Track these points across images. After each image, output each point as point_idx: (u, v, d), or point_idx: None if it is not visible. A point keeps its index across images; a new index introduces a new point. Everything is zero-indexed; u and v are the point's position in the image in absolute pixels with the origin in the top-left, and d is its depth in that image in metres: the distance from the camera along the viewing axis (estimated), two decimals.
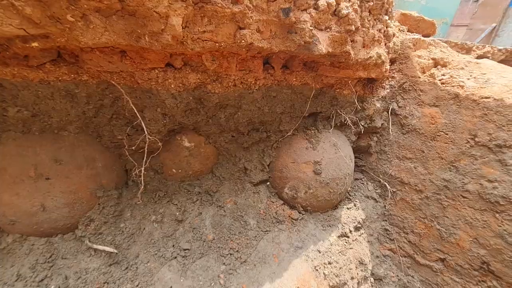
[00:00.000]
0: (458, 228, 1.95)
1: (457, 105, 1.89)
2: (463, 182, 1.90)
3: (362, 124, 2.19)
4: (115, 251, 1.57)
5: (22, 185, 1.38)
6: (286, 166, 2.03)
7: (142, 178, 1.46)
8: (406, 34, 2.23)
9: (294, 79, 1.83)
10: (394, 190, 2.29)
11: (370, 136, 2.37)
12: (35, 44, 1.00)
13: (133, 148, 1.49)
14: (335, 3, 1.39)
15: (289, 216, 2.10)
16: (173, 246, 1.77)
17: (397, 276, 2.31)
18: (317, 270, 1.94)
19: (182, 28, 1.10)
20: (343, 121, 2.11)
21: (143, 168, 1.43)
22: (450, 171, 1.95)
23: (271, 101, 1.84)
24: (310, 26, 1.37)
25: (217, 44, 1.22)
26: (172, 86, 1.40)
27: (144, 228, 1.78)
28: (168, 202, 1.90)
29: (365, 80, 2.10)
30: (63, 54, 1.19)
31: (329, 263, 2.00)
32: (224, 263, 1.80)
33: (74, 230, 1.61)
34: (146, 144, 1.41)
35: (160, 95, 1.40)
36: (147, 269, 1.64)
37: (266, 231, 2.03)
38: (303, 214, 2.13)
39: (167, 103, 1.43)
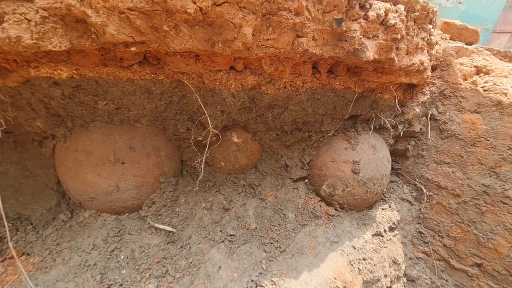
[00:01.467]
0: (497, 233, 1.97)
1: (500, 112, 1.93)
2: (503, 188, 1.92)
3: (401, 128, 2.26)
4: (174, 230, 1.77)
5: (103, 168, 1.62)
6: (325, 164, 2.16)
7: (203, 166, 1.66)
8: (449, 42, 2.28)
9: (337, 83, 1.95)
10: (430, 193, 2.33)
11: (408, 140, 2.44)
12: (133, 49, 1.21)
13: (200, 139, 1.69)
14: (384, 14, 1.51)
15: (326, 212, 2.22)
16: (221, 231, 1.95)
17: (430, 278, 2.34)
18: (352, 264, 2.04)
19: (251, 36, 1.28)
20: (382, 124, 2.20)
21: (204, 158, 1.63)
22: (490, 176, 1.98)
23: (315, 103, 1.98)
24: (360, 35, 1.51)
25: (277, 50, 1.39)
26: (233, 86, 1.59)
27: (196, 214, 1.98)
28: (216, 192, 2.09)
29: (405, 86, 2.18)
30: (148, 57, 1.41)
31: (364, 259, 2.09)
32: (265, 251, 1.95)
33: (138, 210, 1.84)
34: (209, 137, 1.60)
35: (222, 94, 1.59)
36: (199, 249, 1.83)
37: (304, 224, 2.16)
38: (339, 211, 2.24)
39: (227, 101, 1.62)
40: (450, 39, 2.42)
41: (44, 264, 1.62)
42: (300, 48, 1.40)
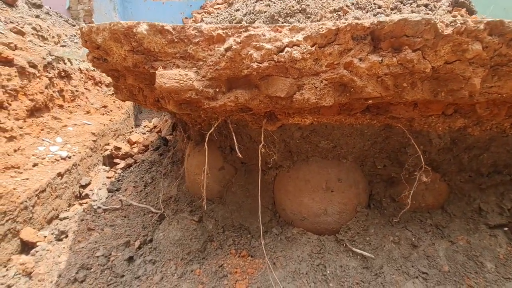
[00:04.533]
0: None
1: None
2: None
3: None
4: (372, 256, 1.96)
5: (317, 194, 2.02)
6: None
7: (410, 200, 1.83)
8: None
9: None
10: None
11: None
12: (370, 101, 1.58)
13: (393, 175, 1.91)
14: None
15: None
16: (412, 266, 2.00)
17: None
18: None
19: None
20: None
21: (411, 192, 1.81)
22: None
23: None
24: None
25: (499, 95, 1.50)
26: (440, 128, 1.76)
27: (385, 246, 2.11)
28: (403, 228, 2.18)
29: None
30: (369, 107, 1.77)
31: None
32: None
33: (335, 234, 2.14)
34: (419, 174, 1.79)
35: (430, 135, 1.78)
36: (394, 280, 1.93)
37: (508, 278, 1.95)
38: None
39: (433, 142, 1.79)
40: None
41: (267, 266, 2.08)
42: None
